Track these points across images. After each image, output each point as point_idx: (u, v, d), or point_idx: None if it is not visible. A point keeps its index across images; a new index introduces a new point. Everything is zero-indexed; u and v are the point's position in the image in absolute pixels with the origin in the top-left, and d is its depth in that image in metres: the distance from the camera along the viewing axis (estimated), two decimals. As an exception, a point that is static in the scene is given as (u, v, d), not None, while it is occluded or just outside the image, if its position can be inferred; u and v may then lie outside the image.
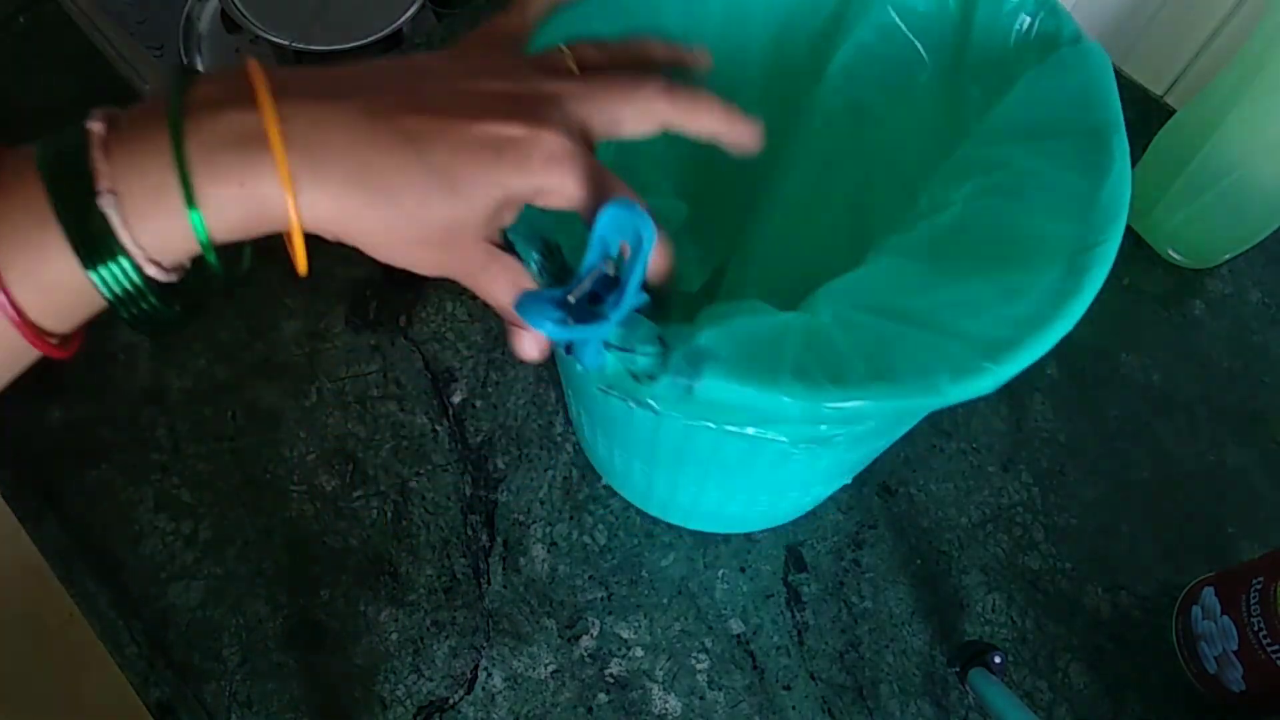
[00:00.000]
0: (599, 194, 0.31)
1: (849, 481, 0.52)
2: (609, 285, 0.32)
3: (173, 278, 0.28)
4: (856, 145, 0.47)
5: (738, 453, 0.40)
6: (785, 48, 0.48)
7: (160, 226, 0.26)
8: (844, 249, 0.41)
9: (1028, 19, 0.40)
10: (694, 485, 0.46)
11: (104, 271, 0.26)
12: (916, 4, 0.42)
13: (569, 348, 0.32)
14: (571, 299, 0.31)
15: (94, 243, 0.26)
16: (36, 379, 0.30)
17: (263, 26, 0.77)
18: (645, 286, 0.34)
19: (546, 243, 0.34)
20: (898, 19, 0.43)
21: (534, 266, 0.34)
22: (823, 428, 0.33)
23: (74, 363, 0.56)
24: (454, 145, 0.28)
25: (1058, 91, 0.37)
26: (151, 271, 0.27)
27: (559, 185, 0.30)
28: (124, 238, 0.26)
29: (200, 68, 0.84)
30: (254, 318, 0.58)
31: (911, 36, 0.43)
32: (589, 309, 0.31)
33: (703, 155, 0.52)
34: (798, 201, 0.50)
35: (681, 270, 0.51)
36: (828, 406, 0.31)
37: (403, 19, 0.78)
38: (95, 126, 0.26)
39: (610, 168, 0.38)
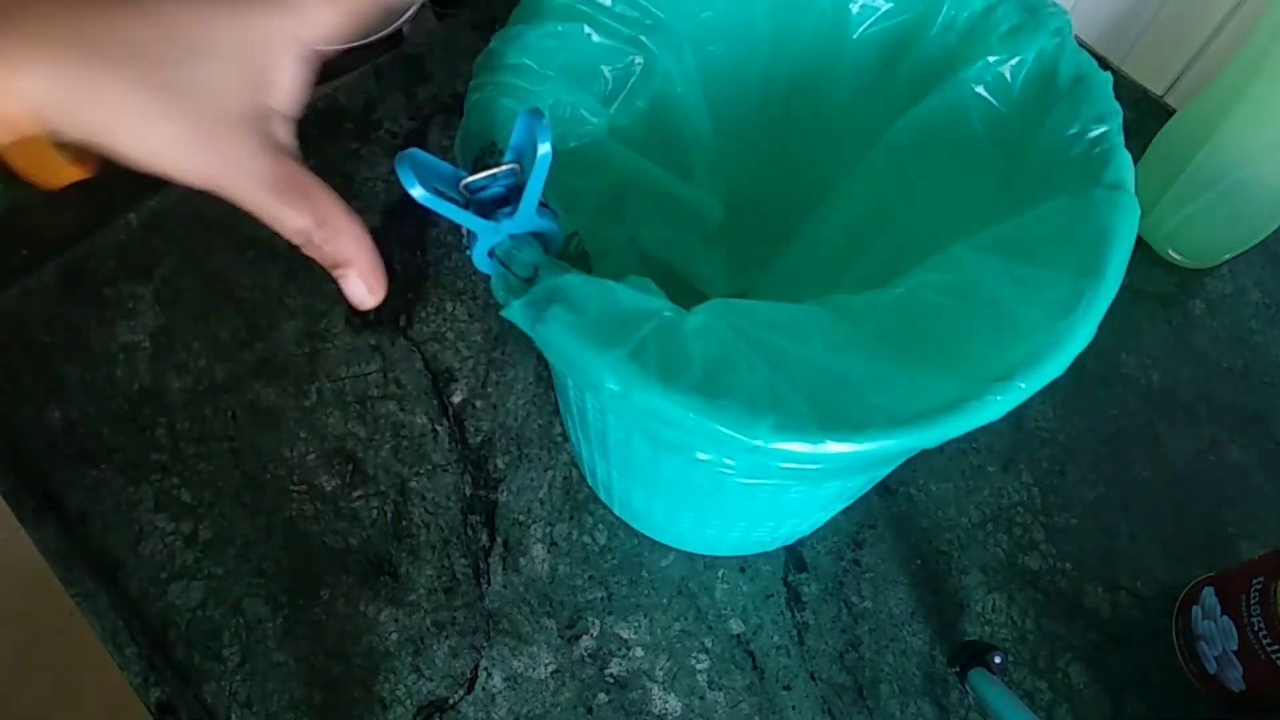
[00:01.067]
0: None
1: (834, 514, 0.52)
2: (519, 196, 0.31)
3: None
4: (895, 210, 0.47)
5: (705, 477, 0.39)
6: (872, 88, 0.47)
7: None
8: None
9: (1089, 145, 0.38)
10: (676, 507, 0.46)
11: None
12: (994, 99, 0.41)
13: (466, 242, 0.31)
14: (463, 185, 0.30)
15: None
16: (36, 379, 0.29)
17: (263, 26, 0.77)
18: (548, 207, 0.33)
19: (490, 147, 0.34)
20: (974, 104, 0.42)
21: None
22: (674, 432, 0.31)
23: (74, 363, 0.57)
24: None
25: (1073, 228, 0.36)
26: None
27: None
28: None
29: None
30: (254, 318, 0.58)
31: (978, 123, 0.42)
32: (491, 209, 0.31)
33: (754, 176, 0.52)
34: (831, 249, 0.50)
35: (708, 273, 0.51)
36: (643, 397, 0.30)
37: (403, 19, 0.78)
38: None
39: (649, 153, 0.37)
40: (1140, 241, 0.63)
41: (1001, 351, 0.33)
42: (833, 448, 0.30)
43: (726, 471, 0.35)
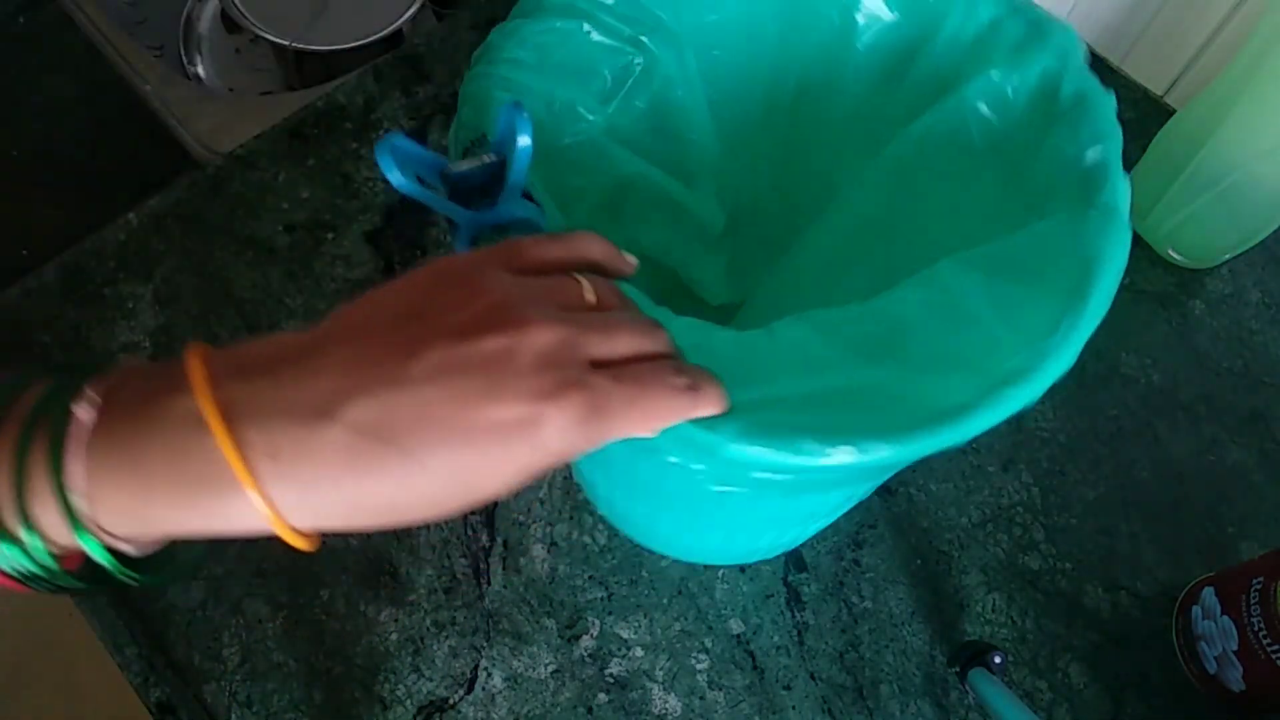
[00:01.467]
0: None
1: (831, 522, 0.51)
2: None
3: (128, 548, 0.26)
4: (896, 221, 0.47)
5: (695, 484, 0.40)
6: (876, 99, 0.47)
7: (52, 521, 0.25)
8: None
9: (1086, 166, 0.38)
10: (681, 523, 0.46)
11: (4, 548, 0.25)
12: (995, 116, 0.41)
13: (451, 231, 0.32)
14: (445, 173, 0.31)
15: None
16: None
17: (263, 26, 0.77)
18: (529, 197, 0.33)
19: (481, 138, 0.34)
20: (975, 120, 0.41)
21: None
22: None
23: (73, 362, 0.56)
24: (456, 450, 0.25)
25: (1063, 249, 0.35)
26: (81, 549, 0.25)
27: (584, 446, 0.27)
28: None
29: (200, 68, 0.84)
30: (254, 318, 0.58)
31: (979, 139, 0.42)
32: (473, 198, 0.31)
33: (756, 183, 0.52)
34: (831, 258, 0.50)
35: (707, 279, 0.51)
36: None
37: (403, 19, 0.78)
38: (83, 414, 0.25)
39: (650, 156, 0.37)
40: (1140, 241, 0.63)
41: (978, 371, 0.32)
42: (814, 452, 0.30)
43: (730, 488, 0.35)
